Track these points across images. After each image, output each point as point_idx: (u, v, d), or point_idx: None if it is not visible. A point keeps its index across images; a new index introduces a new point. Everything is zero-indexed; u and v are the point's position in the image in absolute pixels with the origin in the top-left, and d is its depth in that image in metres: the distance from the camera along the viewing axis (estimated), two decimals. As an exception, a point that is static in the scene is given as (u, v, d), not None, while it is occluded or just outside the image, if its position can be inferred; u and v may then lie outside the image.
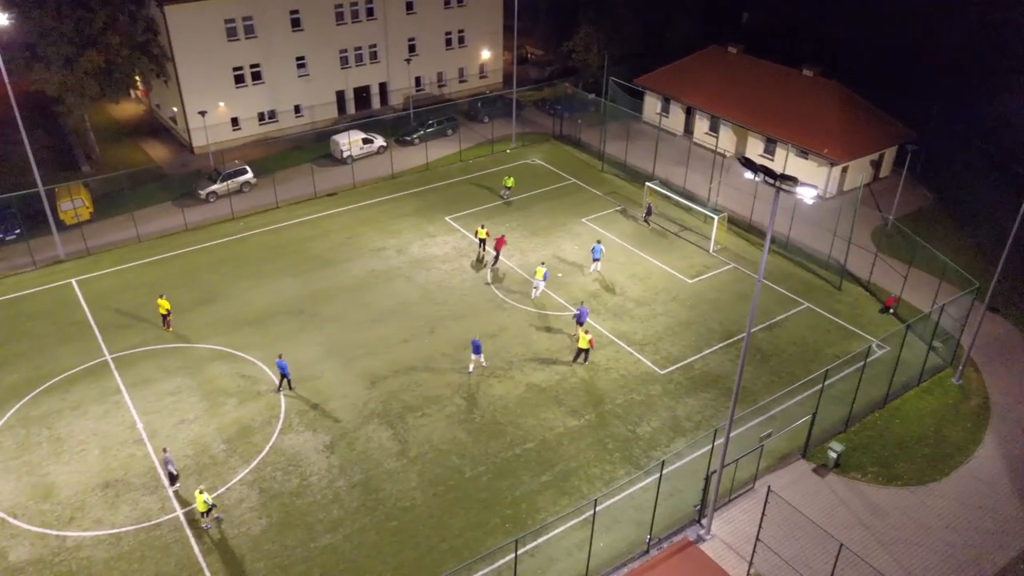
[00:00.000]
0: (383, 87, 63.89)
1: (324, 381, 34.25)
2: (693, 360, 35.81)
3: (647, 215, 47.30)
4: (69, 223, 45.47)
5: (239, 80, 56.30)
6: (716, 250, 44.56)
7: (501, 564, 26.08)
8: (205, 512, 27.00)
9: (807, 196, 22.05)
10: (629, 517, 27.95)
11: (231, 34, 54.58)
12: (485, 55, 68.28)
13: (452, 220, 47.50)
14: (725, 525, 27.77)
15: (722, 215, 45.00)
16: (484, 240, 43.42)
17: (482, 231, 43.31)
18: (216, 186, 49.51)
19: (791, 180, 21.00)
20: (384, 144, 56.35)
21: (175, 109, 56.69)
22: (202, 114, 53.45)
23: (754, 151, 53.54)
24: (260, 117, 58.51)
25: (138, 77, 55.64)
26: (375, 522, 27.68)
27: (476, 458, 30.38)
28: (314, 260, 43.23)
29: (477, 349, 34.30)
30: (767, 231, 22.30)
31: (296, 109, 59.76)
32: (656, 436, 31.55)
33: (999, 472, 30.14)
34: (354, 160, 54.32)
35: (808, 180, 48.38)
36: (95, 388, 33.72)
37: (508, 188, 50.11)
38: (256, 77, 56.97)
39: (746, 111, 54.06)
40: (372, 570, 26.00)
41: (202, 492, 26.79)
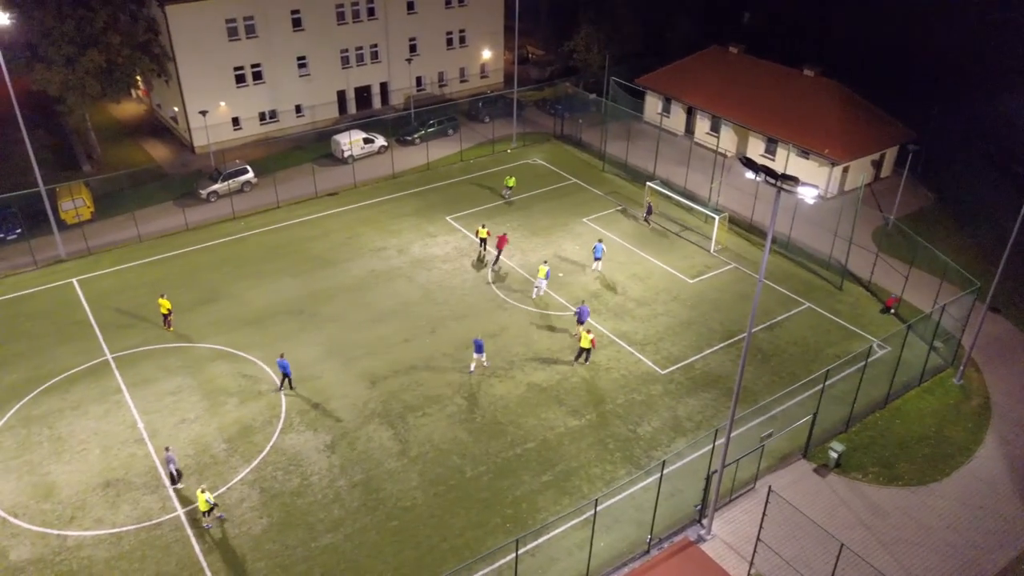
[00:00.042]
0: (384, 87, 63.91)
1: (325, 381, 34.26)
2: (694, 360, 35.82)
3: (647, 214, 47.32)
4: (70, 223, 45.48)
5: (240, 80, 56.33)
6: (717, 250, 44.56)
7: (502, 564, 26.09)
8: (207, 511, 27.00)
9: (808, 196, 22.05)
10: (630, 517, 27.95)
11: (232, 34, 54.61)
12: (486, 55, 68.29)
13: (453, 220, 47.51)
14: (726, 525, 27.77)
15: (723, 215, 45.00)
16: (485, 240, 43.45)
17: (483, 231, 43.34)
18: (217, 186, 49.52)
19: (792, 180, 20.98)
20: (385, 144, 56.35)
21: (176, 109, 56.72)
22: (203, 114, 53.50)
23: (755, 151, 53.53)
24: (261, 117, 58.53)
25: (139, 77, 55.64)
26: (376, 522, 27.70)
27: (477, 458, 30.39)
28: (315, 260, 43.24)
29: (479, 348, 34.30)
30: (768, 231, 22.30)
31: (297, 109, 59.78)
32: (657, 436, 31.55)
33: (1000, 472, 30.14)
34: (355, 160, 54.32)
35: (809, 180, 48.34)
36: (96, 388, 33.75)
37: (509, 188, 50.11)
38: (257, 77, 56.99)
39: (747, 111, 54.05)
40: (373, 570, 26.01)
41: (204, 491, 26.80)
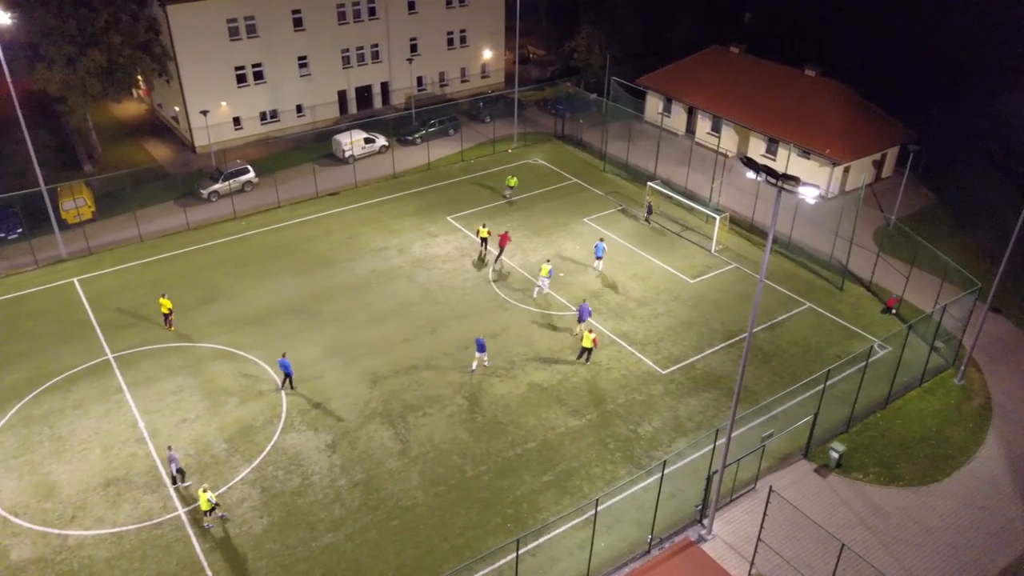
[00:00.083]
0: (385, 87, 63.92)
1: (325, 380, 34.27)
2: (695, 360, 35.81)
3: (648, 214, 47.33)
4: (71, 222, 45.50)
5: (241, 80, 56.35)
6: (718, 250, 44.55)
7: (502, 564, 26.08)
8: (208, 511, 27.01)
9: (809, 196, 22.03)
10: (630, 517, 27.95)
11: (233, 33, 54.64)
12: (487, 55, 68.30)
13: (454, 220, 47.51)
14: (726, 525, 27.76)
15: (724, 215, 44.98)
16: (486, 239, 43.47)
17: (483, 230, 43.36)
18: (218, 185, 49.53)
19: (793, 180, 20.97)
20: (386, 144, 56.36)
21: (177, 108, 56.75)
22: (204, 113, 53.52)
23: (756, 151, 53.52)
24: (262, 117, 58.56)
25: (140, 76, 55.62)
26: (376, 521, 27.70)
27: (477, 457, 30.39)
28: (316, 260, 43.25)
29: (481, 348, 34.29)
30: (769, 231, 22.28)
31: (298, 109, 59.80)
32: (658, 436, 31.54)
33: (1001, 472, 30.13)
34: (356, 160, 54.33)
35: (810, 180, 48.31)
36: (97, 387, 33.76)
37: (511, 187, 50.13)
38: (258, 77, 57.01)
39: (748, 111, 54.04)
40: (373, 569, 26.01)
41: (206, 491, 26.82)
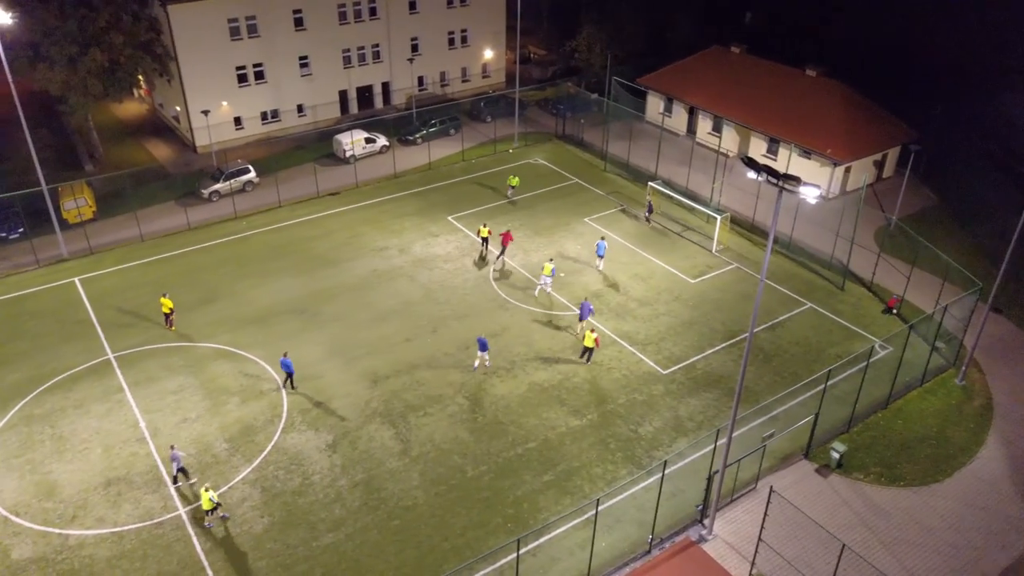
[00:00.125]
0: (386, 87, 63.93)
1: (326, 380, 34.27)
2: (695, 360, 35.80)
3: (648, 213, 47.34)
4: (72, 222, 45.53)
5: (242, 79, 56.37)
6: (719, 250, 44.54)
7: (503, 563, 26.08)
8: (210, 510, 27.02)
9: (810, 196, 22.03)
10: (631, 517, 27.94)
11: (234, 33, 54.66)
12: (488, 55, 68.30)
13: (455, 220, 47.51)
14: (727, 525, 27.75)
15: (725, 215, 44.97)
16: (487, 239, 43.48)
17: (484, 230, 43.37)
18: (219, 185, 49.55)
19: (794, 180, 20.96)
20: (387, 144, 56.37)
21: (178, 108, 56.78)
22: (205, 113, 53.53)
23: (757, 151, 53.49)
24: (263, 116, 58.58)
25: (141, 76, 55.70)
26: (377, 521, 27.70)
27: (478, 457, 30.39)
28: (316, 259, 43.26)
29: (483, 347, 34.29)
30: (770, 231, 22.27)
31: (299, 108, 59.81)
32: (658, 436, 31.53)
33: (1002, 473, 30.11)
34: (357, 160, 54.32)
35: (811, 180, 48.28)
36: (98, 387, 33.78)
37: (513, 187, 50.14)
38: (259, 76, 57.04)
39: (749, 111, 54.02)
40: (374, 569, 26.02)
41: (207, 490, 26.83)
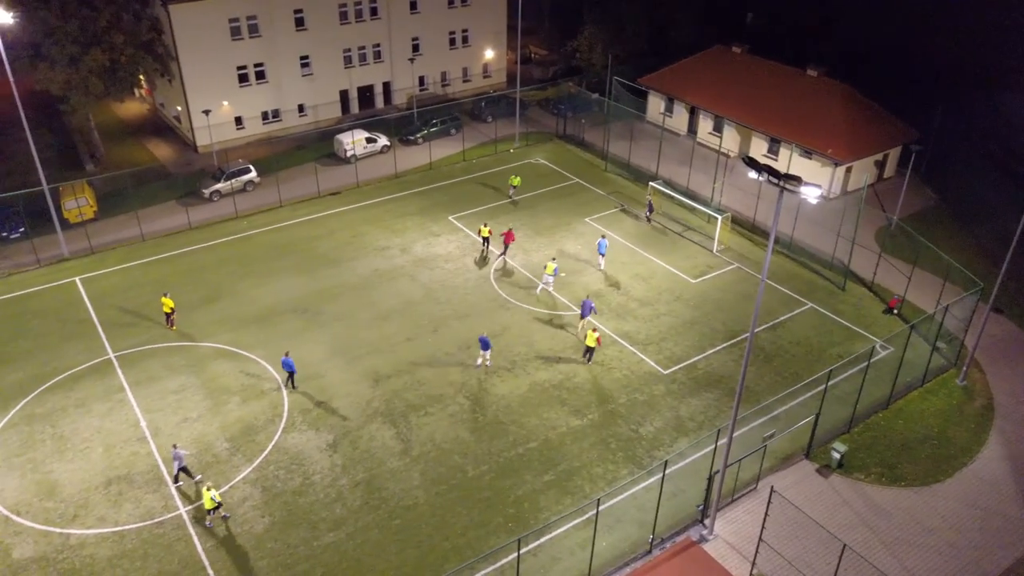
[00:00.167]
0: (387, 86, 63.95)
1: (327, 380, 34.28)
2: (696, 360, 35.79)
3: (649, 212, 47.35)
4: (73, 221, 45.55)
5: (243, 79, 56.39)
6: (720, 250, 44.53)
7: (504, 563, 26.08)
8: (212, 509, 27.02)
9: (811, 196, 21.99)
10: (632, 517, 27.94)
11: (235, 33, 54.68)
12: (489, 55, 68.30)
13: (456, 219, 47.52)
14: (728, 525, 27.75)
15: (726, 215, 44.97)
16: (487, 239, 43.50)
17: (484, 229, 43.39)
18: (220, 185, 49.56)
19: (795, 180, 20.95)
20: (388, 143, 56.37)
21: (179, 108, 56.80)
22: (206, 113, 53.57)
23: (758, 151, 53.47)
24: (264, 116, 58.60)
25: (142, 76, 55.70)
26: (378, 521, 27.71)
27: (479, 457, 30.39)
28: (318, 259, 43.27)
29: (485, 345, 34.30)
30: (771, 231, 22.26)
31: (300, 108, 59.82)
32: (659, 436, 31.53)
33: (1003, 473, 30.09)
34: (358, 159, 54.33)
35: (812, 180, 48.07)
36: (99, 386, 33.79)
37: (514, 187, 50.15)
38: (260, 76, 57.06)
39: (750, 111, 54.00)
40: (375, 568, 26.02)
41: (209, 489, 26.84)
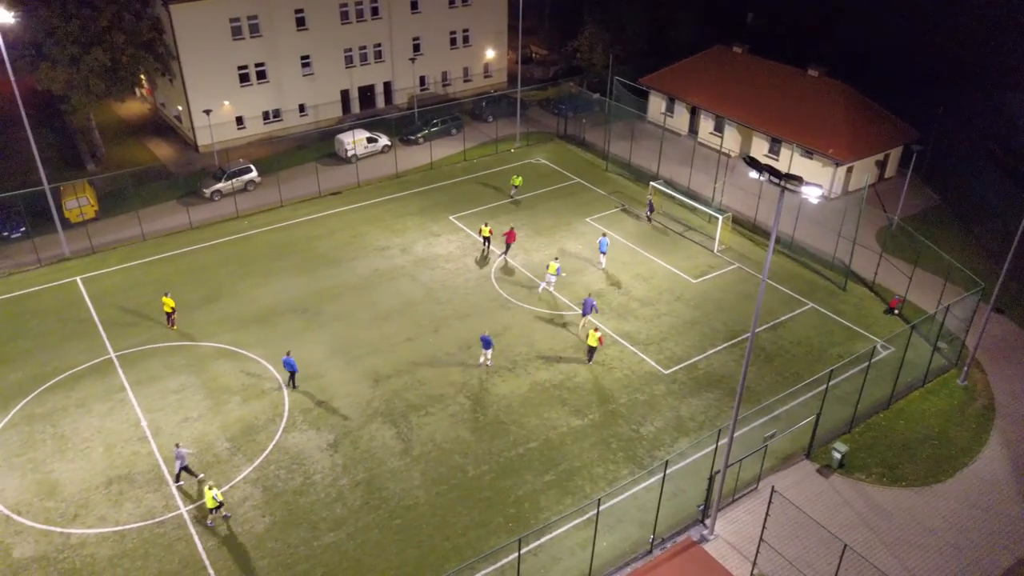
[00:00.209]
0: (388, 86, 63.95)
1: (328, 379, 34.28)
2: (697, 360, 35.77)
3: (649, 212, 47.35)
4: (74, 221, 45.56)
5: (244, 79, 56.40)
6: (720, 250, 44.51)
7: (504, 563, 26.08)
8: (214, 508, 27.03)
9: (812, 196, 21.98)
10: (632, 517, 27.93)
11: (236, 33, 54.69)
12: (490, 54, 68.29)
13: (456, 219, 47.51)
14: (729, 525, 27.74)
15: (726, 215, 44.95)
16: (488, 238, 43.51)
17: (485, 229, 43.40)
18: (220, 185, 49.57)
19: (796, 180, 20.94)
20: (388, 143, 56.38)
21: (180, 108, 56.82)
22: (207, 113, 53.59)
23: (759, 151, 53.45)
24: (265, 116, 58.62)
25: (143, 76, 55.74)
26: (378, 520, 27.71)
27: (479, 457, 30.38)
28: (318, 259, 43.28)
29: (487, 344, 34.31)
30: (772, 231, 22.25)
31: (301, 108, 59.84)
32: (660, 436, 31.52)
33: (1004, 473, 30.07)
34: (358, 159, 54.34)
35: (813, 180, 48.21)
36: (100, 386, 33.80)
37: (516, 187, 50.16)
38: (261, 76, 57.07)
39: (751, 111, 53.98)
40: (375, 568, 26.02)
41: (211, 488, 26.86)
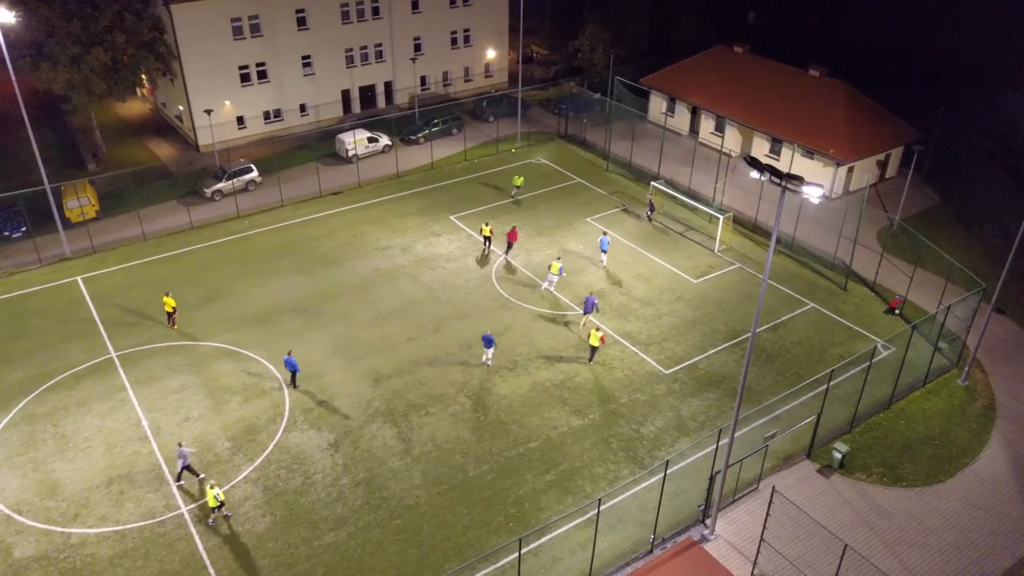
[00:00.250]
0: (388, 86, 63.96)
1: (329, 379, 34.29)
2: (698, 360, 35.77)
3: (650, 211, 47.36)
4: (75, 221, 45.58)
5: (245, 79, 56.41)
6: (721, 250, 44.50)
7: (505, 563, 26.08)
8: (216, 507, 27.03)
9: (813, 196, 21.96)
10: (633, 517, 27.92)
11: (237, 33, 54.70)
12: (490, 54, 68.29)
13: (457, 219, 47.51)
14: (729, 525, 27.73)
15: (727, 215, 44.95)
16: (489, 238, 43.53)
17: (486, 228, 43.42)
18: (221, 184, 49.59)
19: (797, 180, 20.93)
20: (389, 143, 56.39)
21: (181, 107, 56.83)
22: (208, 112, 53.60)
23: (760, 151, 53.43)
24: (265, 116, 58.64)
25: (144, 75, 55.77)
26: (379, 520, 27.71)
27: (480, 457, 30.39)
28: (319, 258, 43.29)
29: (488, 343, 34.31)
30: (772, 231, 22.24)
31: (301, 108, 59.85)
32: (660, 436, 31.51)
33: (1004, 473, 30.05)
34: (359, 159, 54.35)
35: (814, 180, 48.13)
36: (100, 385, 33.82)
37: (517, 187, 50.16)
38: (262, 76, 57.08)
39: (752, 111, 53.96)
40: (376, 568, 26.03)
41: (213, 487, 26.87)
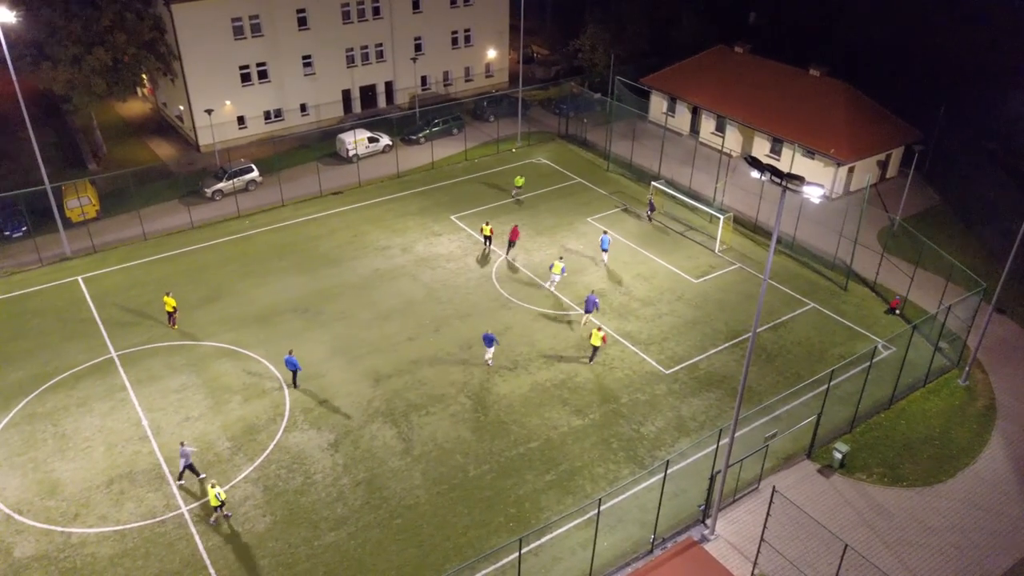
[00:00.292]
0: (389, 86, 63.96)
1: (329, 379, 34.29)
2: (698, 360, 35.76)
3: (650, 211, 47.36)
4: (76, 220, 45.59)
5: (245, 79, 56.43)
6: (722, 250, 44.49)
7: (505, 563, 26.08)
8: (217, 507, 27.04)
9: (813, 196, 21.95)
10: (633, 517, 27.92)
11: (238, 33, 54.71)
12: (491, 54, 68.28)
13: (457, 219, 47.51)
14: (729, 525, 27.72)
15: (728, 215, 44.94)
16: (489, 237, 43.55)
17: (487, 228, 43.43)
18: (222, 184, 49.60)
19: (797, 179, 20.92)
20: (390, 143, 56.39)
21: (181, 107, 56.85)
22: (208, 112, 53.60)
23: (760, 151, 53.40)
24: (266, 115, 58.64)
25: (145, 75, 55.79)
26: (379, 520, 27.72)
27: (480, 457, 30.39)
28: (319, 258, 43.30)
29: (489, 342, 34.32)
30: (773, 231, 22.24)
31: (302, 108, 59.86)
32: (661, 436, 31.51)
33: (1005, 474, 30.04)
34: (360, 159, 54.36)
35: (814, 180, 48.17)
36: (101, 385, 33.83)
37: (518, 187, 50.16)
38: (262, 76, 57.09)
39: (752, 111, 53.93)
40: (376, 568, 26.03)
41: (214, 487, 26.88)
